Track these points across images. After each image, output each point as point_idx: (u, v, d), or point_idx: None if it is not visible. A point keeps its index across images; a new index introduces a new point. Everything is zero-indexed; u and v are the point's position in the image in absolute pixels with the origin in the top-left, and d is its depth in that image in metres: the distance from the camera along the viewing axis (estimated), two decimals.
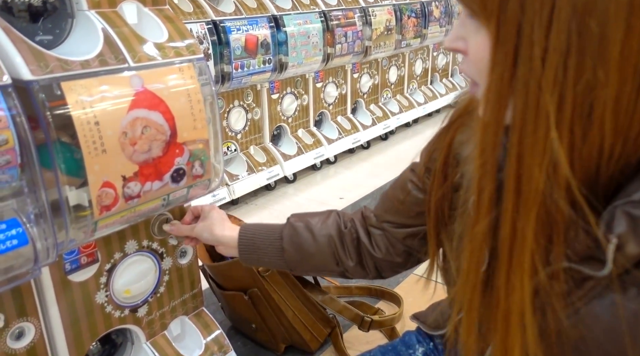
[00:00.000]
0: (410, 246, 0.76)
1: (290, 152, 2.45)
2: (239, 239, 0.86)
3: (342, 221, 0.83)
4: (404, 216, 0.75)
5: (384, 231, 0.78)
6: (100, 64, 0.67)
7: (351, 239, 0.80)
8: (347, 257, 0.80)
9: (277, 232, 0.85)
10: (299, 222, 0.84)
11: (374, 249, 0.78)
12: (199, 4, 1.86)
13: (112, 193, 0.69)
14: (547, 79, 0.39)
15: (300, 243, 0.82)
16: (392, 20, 2.83)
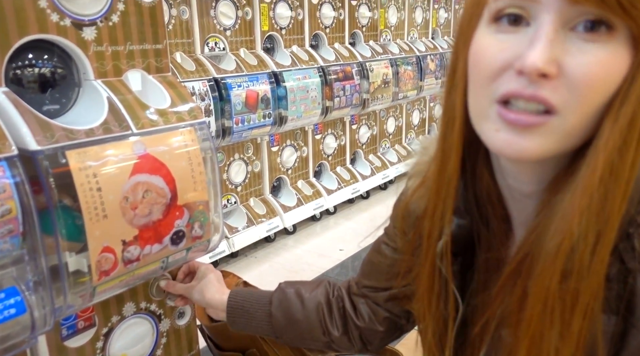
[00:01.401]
0: (392, 311, 0.75)
1: (290, 203, 2.46)
2: (228, 302, 0.85)
3: (332, 290, 0.83)
4: (382, 278, 0.75)
5: (365, 297, 0.78)
6: (104, 132, 0.69)
7: (337, 308, 0.80)
8: (333, 326, 0.79)
9: (267, 297, 0.84)
10: (290, 288, 0.84)
11: (358, 317, 0.78)
12: (201, 62, 1.93)
13: (111, 257, 0.69)
14: None
15: (288, 307, 0.81)
16: (389, 73, 2.92)
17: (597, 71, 0.38)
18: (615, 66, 0.38)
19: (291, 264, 2.18)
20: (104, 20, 0.73)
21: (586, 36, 0.38)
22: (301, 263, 2.20)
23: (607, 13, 0.37)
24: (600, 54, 0.38)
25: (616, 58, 0.38)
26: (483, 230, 0.57)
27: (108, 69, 0.76)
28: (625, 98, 0.39)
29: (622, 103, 0.39)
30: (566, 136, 0.42)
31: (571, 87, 0.39)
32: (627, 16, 0.37)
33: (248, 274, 2.09)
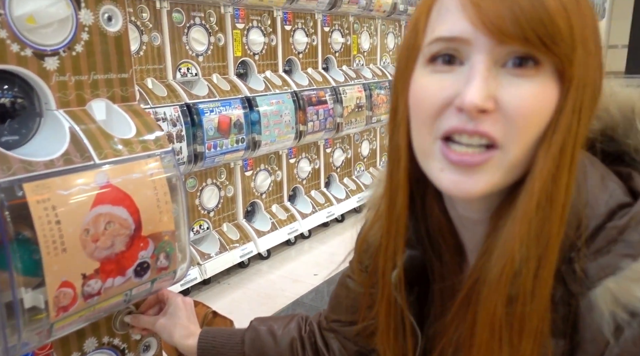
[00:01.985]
0: (362, 345, 0.74)
1: (264, 228, 2.44)
2: (199, 344, 0.83)
3: (304, 325, 0.82)
4: (349, 313, 0.74)
5: (334, 332, 0.77)
6: (65, 163, 0.67)
7: (310, 344, 0.79)
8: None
9: (238, 336, 0.83)
10: (262, 326, 0.83)
11: (329, 353, 0.77)
12: (173, 88, 1.92)
13: (70, 292, 0.67)
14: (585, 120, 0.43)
15: (262, 346, 0.80)
16: (363, 97, 2.96)
17: (529, 103, 0.41)
18: (544, 98, 0.41)
19: (265, 290, 2.15)
20: (67, 50, 0.73)
21: (516, 71, 0.41)
22: (275, 289, 2.17)
23: (532, 50, 0.40)
24: (530, 87, 0.41)
25: (545, 90, 0.41)
26: (436, 262, 0.57)
27: (71, 99, 0.74)
28: (555, 127, 0.42)
29: (553, 132, 0.42)
30: (510, 168, 0.44)
31: (508, 119, 0.42)
32: (550, 52, 0.40)
33: (221, 302, 2.05)
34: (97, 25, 0.77)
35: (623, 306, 0.41)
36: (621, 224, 0.43)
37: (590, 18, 0.42)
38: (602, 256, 0.43)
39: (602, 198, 0.45)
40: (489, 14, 0.40)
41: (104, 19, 0.78)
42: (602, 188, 0.46)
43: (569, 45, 0.40)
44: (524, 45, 0.40)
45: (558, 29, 0.39)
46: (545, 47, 0.40)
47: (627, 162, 0.51)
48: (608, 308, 0.41)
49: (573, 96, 0.41)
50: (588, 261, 0.44)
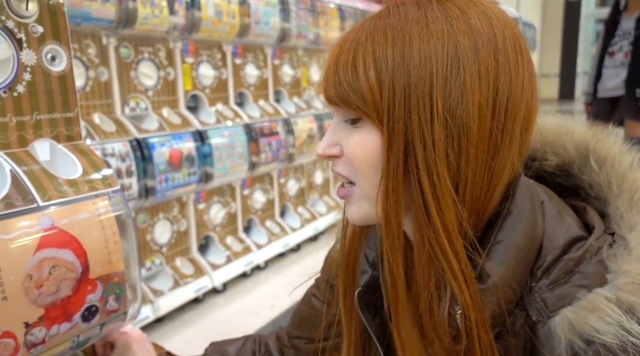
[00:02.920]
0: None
1: (219, 261, 2.40)
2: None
3: (258, 346, 0.82)
4: (311, 329, 0.76)
5: (295, 349, 0.78)
6: (5, 207, 0.65)
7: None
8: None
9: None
10: (216, 353, 0.83)
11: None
12: (121, 123, 1.89)
13: (12, 343, 0.64)
14: (441, 159, 0.47)
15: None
16: (314, 128, 3.01)
17: (356, 147, 0.51)
18: (367, 144, 0.50)
19: (221, 325, 2.10)
20: (7, 91, 0.71)
21: (350, 125, 0.52)
22: (232, 323, 2.12)
23: (352, 115, 0.51)
24: (357, 136, 0.51)
25: (366, 138, 0.50)
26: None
27: (12, 140, 0.73)
28: (384, 164, 0.50)
29: (385, 173, 0.50)
30: (368, 200, 0.52)
31: (348, 162, 0.52)
32: (361, 113, 0.50)
33: (175, 340, 1.98)
34: (40, 66, 0.76)
35: (579, 335, 0.44)
36: (577, 257, 0.47)
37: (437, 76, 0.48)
38: (559, 286, 0.47)
39: (559, 231, 0.49)
40: (324, 84, 0.53)
41: (47, 58, 0.77)
42: (560, 221, 0.50)
43: (373, 110, 0.49)
44: (342, 108, 0.51)
45: (360, 96, 0.49)
46: (355, 110, 0.50)
47: (582, 196, 0.56)
48: (566, 336, 0.45)
49: (395, 145, 0.48)
50: (547, 291, 0.47)
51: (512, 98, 0.48)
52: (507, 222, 0.49)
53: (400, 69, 0.47)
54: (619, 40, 2.92)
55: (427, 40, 0.47)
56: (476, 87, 0.47)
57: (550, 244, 0.48)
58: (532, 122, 0.52)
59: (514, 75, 0.48)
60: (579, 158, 0.55)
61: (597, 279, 0.46)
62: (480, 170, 0.48)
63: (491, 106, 0.47)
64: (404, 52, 0.47)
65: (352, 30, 0.52)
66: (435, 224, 0.47)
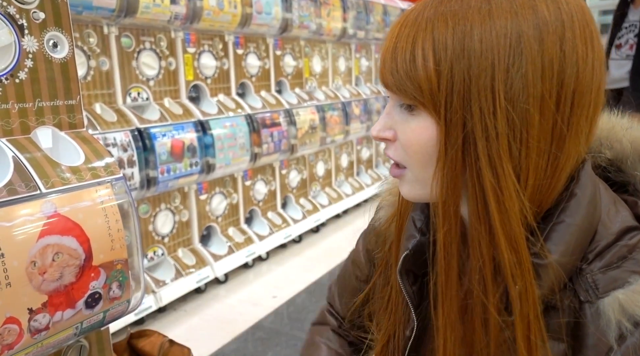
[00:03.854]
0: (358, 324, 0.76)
1: (221, 252, 2.41)
2: None
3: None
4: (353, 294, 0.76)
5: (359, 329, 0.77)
6: (8, 194, 0.65)
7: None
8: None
9: None
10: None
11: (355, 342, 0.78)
12: (123, 113, 1.89)
13: (16, 329, 0.64)
14: (504, 151, 0.47)
15: None
16: (316, 119, 3.00)
17: (410, 136, 0.51)
18: (421, 132, 0.50)
19: (223, 315, 2.11)
20: (9, 77, 0.71)
21: (405, 112, 0.52)
22: (234, 313, 2.13)
23: (408, 102, 0.51)
24: (413, 124, 0.51)
25: (422, 126, 0.50)
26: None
27: (14, 127, 0.72)
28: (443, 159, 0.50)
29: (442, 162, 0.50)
30: (421, 183, 0.53)
31: (402, 148, 0.53)
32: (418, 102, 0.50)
33: (177, 329, 1.99)
34: (42, 52, 0.75)
35: (629, 316, 0.45)
36: (631, 244, 0.49)
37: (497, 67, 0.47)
38: (612, 270, 0.48)
39: (614, 218, 0.50)
40: (382, 68, 0.52)
41: (49, 45, 0.77)
42: (615, 210, 0.51)
43: (429, 99, 0.48)
44: (399, 95, 0.51)
45: (418, 86, 0.48)
46: (413, 99, 0.50)
47: (630, 192, 0.56)
48: (615, 317, 0.46)
49: (454, 135, 0.48)
50: (599, 273, 0.48)
51: (579, 90, 0.47)
52: (572, 203, 0.49)
53: (459, 60, 0.46)
54: (625, 32, 2.90)
55: (489, 30, 0.45)
56: (538, 79, 0.45)
57: (604, 230, 0.49)
58: (599, 110, 0.51)
59: (582, 66, 0.47)
60: (633, 154, 0.56)
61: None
62: (543, 161, 0.48)
63: (555, 98, 0.46)
64: (465, 42, 0.46)
65: (412, 12, 0.50)
66: (494, 214, 0.47)
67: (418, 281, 0.63)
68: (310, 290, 2.33)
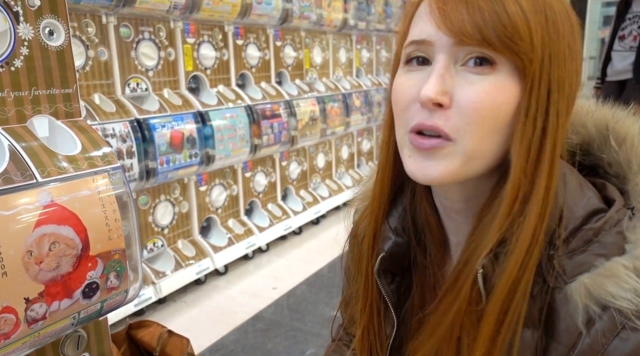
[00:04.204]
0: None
1: (221, 243, 2.41)
2: None
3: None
4: None
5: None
6: (4, 183, 0.64)
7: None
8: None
9: None
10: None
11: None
12: (121, 103, 1.88)
13: (12, 318, 0.63)
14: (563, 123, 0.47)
15: None
16: (316, 110, 2.99)
17: (483, 99, 0.45)
18: (500, 94, 0.45)
19: (223, 306, 2.12)
20: (5, 65, 0.70)
21: (474, 70, 0.45)
22: (233, 304, 2.13)
23: (489, 51, 0.44)
24: (485, 84, 0.45)
25: (500, 88, 0.45)
26: (419, 253, 0.60)
27: (10, 116, 0.72)
28: (523, 125, 0.46)
29: (522, 130, 0.46)
30: (468, 159, 0.47)
31: (462, 115, 0.45)
32: (509, 51, 0.44)
33: (177, 320, 1.99)
34: (38, 40, 0.74)
35: (595, 300, 0.45)
36: (597, 227, 0.48)
37: (562, 24, 0.47)
38: (578, 254, 0.48)
39: (580, 202, 0.50)
40: (451, 17, 0.44)
41: (44, 33, 0.76)
42: (581, 193, 0.50)
43: (528, 46, 0.44)
44: (481, 45, 0.44)
45: (516, 30, 0.43)
46: (504, 47, 0.43)
47: (600, 174, 0.56)
48: (582, 301, 0.46)
49: (536, 94, 0.45)
50: (565, 259, 0.48)
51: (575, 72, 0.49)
52: None
53: (548, 15, 0.46)
54: (629, 23, 2.87)
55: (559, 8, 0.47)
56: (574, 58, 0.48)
57: (570, 215, 0.49)
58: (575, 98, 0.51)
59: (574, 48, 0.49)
60: (598, 137, 0.56)
61: (616, 249, 0.47)
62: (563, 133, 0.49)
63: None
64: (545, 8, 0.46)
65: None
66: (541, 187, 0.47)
67: (396, 281, 0.62)
68: (310, 282, 2.33)
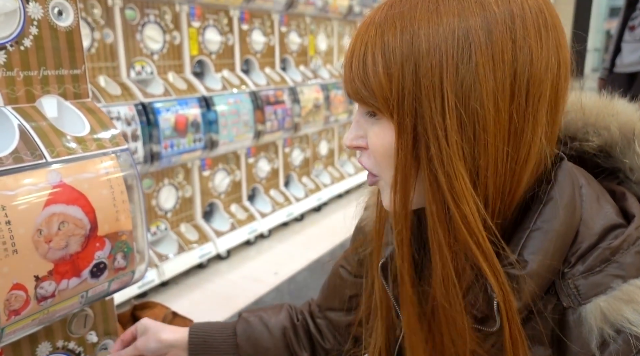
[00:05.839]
0: (357, 332, 0.76)
1: (223, 228, 2.42)
2: (190, 339, 0.81)
3: (294, 313, 0.83)
4: (342, 300, 0.77)
5: (328, 320, 0.79)
6: (14, 161, 0.65)
7: (304, 332, 0.80)
8: (301, 349, 0.79)
9: (229, 328, 0.82)
10: (252, 316, 0.82)
11: (324, 340, 0.79)
12: (127, 86, 1.88)
13: (22, 295, 0.64)
14: (454, 152, 0.46)
15: (255, 337, 0.80)
16: (320, 97, 2.98)
17: (375, 140, 0.51)
18: (383, 137, 0.50)
19: (225, 290, 2.14)
20: (14, 44, 0.70)
21: (370, 119, 0.52)
22: (235, 289, 2.15)
23: (366, 109, 0.52)
24: (376, 129, 0.51)
25: (383, 131, 0.50)
26: (426, 262, 0.59)
27: (19, 95, 0.72)
28: (397, 159, 0.49)
29: (397, 161, 0.49)
30: (394, 191, 0.51)
31: (372, 154, 0.52)
32: (375, 108, 0.50)
33: (179, 303, 2.01)
34: (47, 20, 0.74)
35: (610, 324, 0.44)
36: (614, 246, 0.46)
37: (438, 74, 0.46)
38: (594, 274, 0.46)
39: (596, 217, 0.48)
40: (344, 85, 0.53)
41: (53, 13, 0.76)
42: (598, 208, 0.49)
43: (387, 103, 0.48)
44: (364, 106, 0.51)
45: (372, 92, 0.48)
46: (369, 106, 0.50)
47: (620, 179, 0.54)
48: (597, 324, 0.45)
49: (404, 138, 0.48)
50: (581, 278, 0.47)
51: (534, 78, 0.46)
52: (548, 208, 0.48)
53: (408, 61, 0.45)
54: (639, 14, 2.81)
55: (436, 27, 0.45)
56: (489, 72, 0.44)
57: (586, 231, 0.48)
58: (561, 100, 0.49)
59: (536, 53, 0.45)
60: (622, 141, 0.53)
61: (634, 271, 0.45)
62: (501, 158, 0.46)
63: (509, 91, 0.45)
64: (412, 43, 0.45)
65: (365, 22, 0.50)
66: (454, 217, 0.46)
67: None
68: (311, 268, 2.34)
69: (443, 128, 0.45)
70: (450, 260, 0.48)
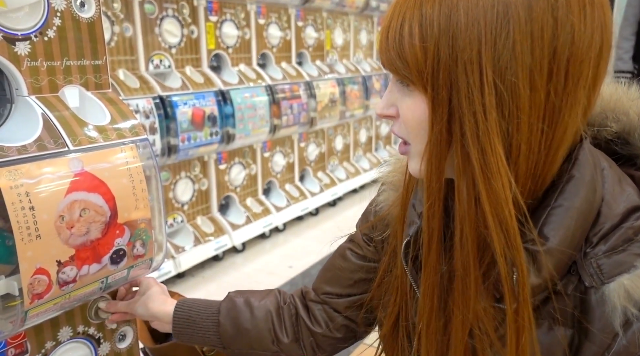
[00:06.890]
0: (351, 318, 0.76)
1: (239, 221, 2.44)
2: (174, 313, 0.83)
3: (282, 298, 0.84)
4: (344, 284, 0.77)
5: (323, 304, 0.79)
6: (38, 149, 0.67)
7: (289, 315, 0.80)
8: (282, 333, 0.79)
9: (214, 306, 0.84)
10: (239, 297, 0.84)
11: (313, 324, 0.78)
12: (145, 79, 1.90)
13: (45, 279, 0.66)
14: (492, 127, 0.45)
15: (237, 316, 0.81)
16: (336, 92, 2.98)
17: (406, 111, 0.51)
18: (415, 108, 0.50)
19: (240, 283, 2.16)
20: (38, 35, 0.72)
21: (403, 88, 0.52)
22: (250, 281, 2.17)
23: (400, 80, 0.52)
24: (408, 100, 0.51)
25: (416, 103, 0.50)
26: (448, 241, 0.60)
27: (43, 85, 0.73)
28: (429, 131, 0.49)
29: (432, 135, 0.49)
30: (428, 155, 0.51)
31: (403, 123, 0.53)
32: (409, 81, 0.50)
33: (195, 294, 2.03)
34: (70, 11, 0.76)
35: (635, 302, 0.44)
36: (637, 226, 0.46)
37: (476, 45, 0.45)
38: (617, 254, 0.46)
39: (619, 199, 0.48)
40: (380, 54, 0.53)
41: (76, 4, 0.77)
42: (620, 190, 0.49)
43: (421, 76, 0.48)
44: (398, 76, 0.51)
45: (406, 64, 0.48)
46: (404, 77, 0.50)
47: (637, 165, 0.54)
48: (620, 303, 0.45)
49: (439, 113, 0.47)
50: (603, 258, 0.47)
51: (575, 58, 0.45)
52: (570, 186, 0.47)
53: (445, 35, 0.45)
54: None
55: (475, 2, 0.44)
56: (527, 50, 0.43)
57: (609, 212, 0.48)
58: (600, 80, 0.48)
59: (578, 31, 0.44)
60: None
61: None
62: (535, 137, 0.46)
63: (547, 69, 0.44)
64: (450, 16, 0.45)
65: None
66: (482, 193, 0.46)
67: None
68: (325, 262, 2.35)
69: (481, 103, 0.45)
70: (473, 237, 0.48)
